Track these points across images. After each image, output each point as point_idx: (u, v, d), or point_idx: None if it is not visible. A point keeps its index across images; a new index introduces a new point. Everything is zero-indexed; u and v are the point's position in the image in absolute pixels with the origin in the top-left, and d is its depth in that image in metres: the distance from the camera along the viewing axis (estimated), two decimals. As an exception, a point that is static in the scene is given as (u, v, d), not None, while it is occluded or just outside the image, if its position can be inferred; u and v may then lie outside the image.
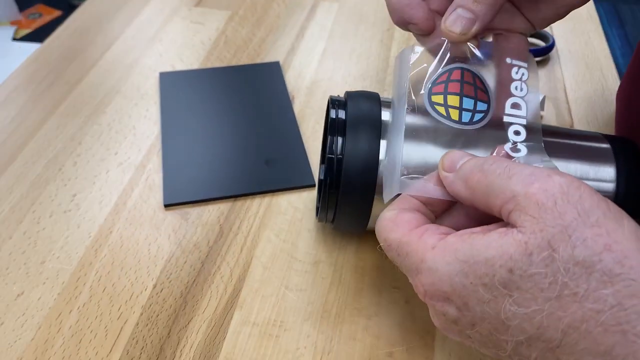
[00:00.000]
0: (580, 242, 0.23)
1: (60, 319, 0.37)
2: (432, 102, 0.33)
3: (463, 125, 0.33)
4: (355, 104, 0.36)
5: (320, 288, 0.39)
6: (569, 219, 0.23)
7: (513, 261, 0.24)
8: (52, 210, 0.44)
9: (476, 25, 0.33)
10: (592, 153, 0.37)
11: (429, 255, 0.27)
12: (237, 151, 0.48)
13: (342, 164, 0.34)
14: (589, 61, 0.60)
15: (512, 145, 0.33)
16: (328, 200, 0.36)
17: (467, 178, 0.28)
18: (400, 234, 0.29)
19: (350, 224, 0.37)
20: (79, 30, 0.63)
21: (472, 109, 0.33)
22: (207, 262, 0.40)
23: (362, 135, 0.34)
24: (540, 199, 0.24)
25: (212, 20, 0.65)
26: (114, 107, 0.53)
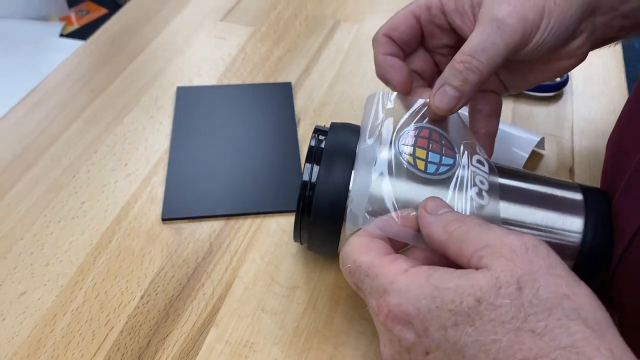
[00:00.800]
0: (544, 285, 0.25)
1: (55, 320, 0.41)
2: (401, 150, 0.36)
3: (428, 175, 0.35)
4: (334, 135, 0.38)
5: (295, 313, 0.41)
6: (536, 266, 0.26)
7: (482, 292, 0.26)
8: (62, 215, 0.48)
9: (461, 102, 0.36)
10: (562, 203, 0.37)
11: (400, 277, 0.28)
12: (237, 170, 0.51)
13: (314, 191, 0.36)
14: (603, 102, 0.59)
15: (478, 190, 0.34)
16: (301, 223, 0.38)
17: (447, 223, 0.30)
18: (373, 256, 0.30)
19: (322, 247, 0.40)
20: (111, 39, 0.67)
21: (438, 162, 0.35)
22: (193, 278, 0.43)
23: (337, 166, 0.36)
24: (514, 245, 0.27)
25: (234, 35, 0.68)
26: (131, 118, 0.57)
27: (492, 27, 0.34)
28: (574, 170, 0.52)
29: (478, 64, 0.34)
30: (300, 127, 0.56)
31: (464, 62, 0.35)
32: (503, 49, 0.34)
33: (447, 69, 0.36)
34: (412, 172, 0.35)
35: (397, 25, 0.39)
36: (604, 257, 0.36)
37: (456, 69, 0.35)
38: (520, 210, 0.36)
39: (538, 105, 0.59)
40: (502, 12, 0.34)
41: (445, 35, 0.40)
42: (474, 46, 0.34)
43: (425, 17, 0.39)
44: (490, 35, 0.34)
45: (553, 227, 0.36)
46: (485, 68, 0.34)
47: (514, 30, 0.34)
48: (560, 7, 0.35)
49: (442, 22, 0.39)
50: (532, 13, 0.34)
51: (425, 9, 0.39)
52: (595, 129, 0.56)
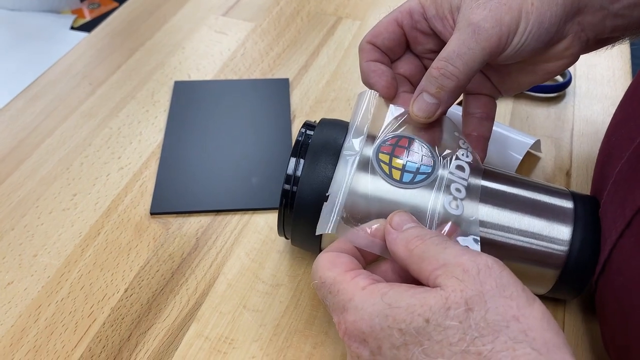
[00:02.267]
0: (493, 308, 0.25)
1: (39, 310, 0.41)
2: (378, 158, 0.35)
3: (402, 185, 0.35)
4: (322, 130, 0.38)
5: (276, 311, 0.41)
6: (487, 288, 0.26)
7: (431, 312, 0.26)
8: (53, 207, 0.48)
9: (440, 109, 0.36)
10: (551, 210, 0.36)
11: (357, 294, 0.28)
12: (228, 166, 0.51)
13: (298, 185, 0.36)
14: (606, 104, 0.58)
15: (451, 199, 0.34)
16: (284, 217, 0.38)
17: (408, 241, 0.30)
18: (336, 272, 0.30)
19: (305, 243, 0.39)
20: (112, 33, 0.68)
21: (415, 171, 0.35)
22: (177, 273, 0.43)
23: (322, 162, 0.36)
24: (467, 266, 0.27)
25: (235, 31, 0.68)
26: (126, 112, 0.57)
27: (467, 32, 0.34)
28: (571, 174, 0.51)
29: (454, 69, 0.34)
30: (295, 124, 0.55)
31: (439, 68, 0.35)
32: (479, 53, 0.34)
33: (425, 76, 0.36)
34: (387, 182, 0.35)
35: (380, 32, 0.39)
36: (590, 267, 0.35)
37: (432, 75, 0.35)
38: (506, 215, 0.36)
39: (538, 106, 0.58)
40: (478, 17, 0.34)
41: (429, 41, 0.40)
42: (450, 52, 0.34)
43: (407, 24, 0.39)
44: (466, 41, 0.34)
45: (539, 235, 0.35)
46: (461, 74, 0.34)
47: (489, 34, 0.34)
48: (538, 9, 0.34)
49: (425, 27, 0.39)
50: (508, 16, 0.34)
51: (408, 15, 0.39)
52: (596, 131, 0.55)
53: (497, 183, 0.37)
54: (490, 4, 0.34)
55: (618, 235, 0.32)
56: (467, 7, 0.34)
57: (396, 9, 0.40)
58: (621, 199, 0.33)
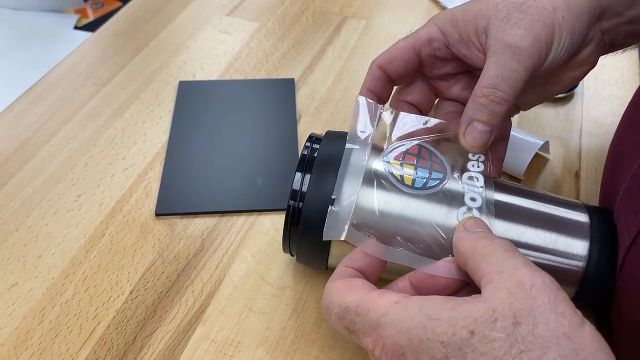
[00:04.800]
0: (543, 323, 0.25)
1: (44, 312, 0.41)
2: (389, 164, 0.35)
3: (415, 190, 0.34)
4: (329, 144, 0.37)
5: (282, 314, 0.40)
6: (538, 303, 0.25)
7: (477, 324, 0.25)
8: (58, 208, 0.48)
9: (493, 135, 0.35)
10: (566, 225, 0.35)
11: (392, 308, 0.27)
12: (234, 167, 0.50)
13: (304, 201, 0.35)
14: (615, 104, 0.57)
15: (467, 209, 0.33)
16: (290, 234, 0.37)
17: (477, 239, 0.30)
18: (360, 294, 0.29)
19: (311, 260, 0.38)
20: (116, 33, 0.67)
21: (427, 177, 0.34)
22: (183, 275, 0.43)
23: (329, 176, 0.35)
24: (522, 279, 0.26)
25: (240, 30, 0.67)
26: (131, 112, 0.56)
27: (506, 54, 0.33)
28: (580, 175, 0.50)
29: (502, 94, 0.34)
30: (301, 124, 0.55)
31: (487, 95, 0.34)
32: (523, 73, 0.33)
33: (471, 105, 0.35)
34: (397, 188, 0.34)
35: (394, 57, 0.39)
36: (609, 283, 0.34)
37: (480, 103, 0.34)
38: (520, 230, 0.34)
39: (547, 106, 0.57)
40: (514, 37, 0.33)
41: (447, 65, 0.39)
42: (493, 77, 0.34)
43: (425, 51, 0.38)
44: (507, 63, 0.33)
45: (555, 250, 0.34)
46: (509, 97, 0.34)
47: (529, 53, 0.33)
48: (569, 22, 0.34)
49: (445, 54, 0.38)
50: (544, 32, 0.33)
51: (426, 43, 0.38)
52: (605, 132, 0.54)
53: (509, 196, 0.36)
54: (524, 22, 0.33)
55: (631, 241, 0.31)
56: (498, 29, 0.34)
57: (413, 35, 0.39)
58: (635, 205, 0.32)
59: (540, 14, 0.34)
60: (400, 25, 0.68)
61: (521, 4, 0.34)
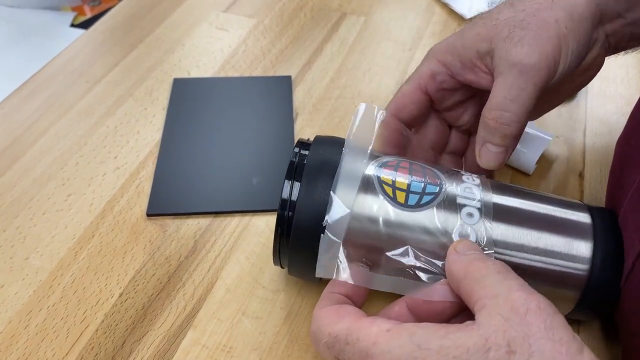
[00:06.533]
0: (538, 352, 0.24)
1: (30, 316, 0.39)
2: (381, 180, 0.33)
3: (408, 209, 0.32)
4: (318, 150, 0.35)
5: (276, 318, 0.39)
6: (534, 330, 0.24)
7: (469, 354, 0.24)
8: (47, 208, 0.46)
9: (508, 153, 0.35)
10: (568, 226, 0.34)
11: (382, 337, 0.26)
12: (228, 166, 0.49)
13: (294, 211, 0.33)
14: (620, 103, 0.56)
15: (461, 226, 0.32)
16: (280, 246, 0.35)
17: (470, 262, 0.29)
18: (350, 321, 0.28)
19: (302, 272, 0.37)
20: (110, 29, 0.66)
21: (421, 192, 0.33)
22: (174, 278, 0.41)
23: (320, 185, 0.33)
24: (516, 304, 0.25)
25: (236, 27, 0.66)
26: (124, 110, 0.55)
27: (513, 73, 0.32)
28: (584, 175, 0.49)
29: (510, 115, 0.33)
30: (298, 123, 0.54)
31: (495, 118, 0.33)
32: (532, 91, 0.33)
33: (482, 127, 0.34)
34: (390, 208, 0.32)
35: (404, 104, 0.38)
36: (615, 286, 0.32)
37: (490, 127, 0.34)
38: (521, 233, 0.33)
39: (549, 105, 0.56)
40: (519, 55, 0.32)
41: (455, 94, 0.39)
42: (501, 99, 0.33)
43: (432, 87, 0.38)
44: (514, 82, 0.32)
45: (558, 253, 0.33)
46: (519, 117, 0.33)
47: (537, 69, 0.32)
48: (573, 30, 0.33)
49: (451, 84, 0.38)
50: (550, 46, 0.32)
51: (430, 79, 0.37)
52: (610, 131, 0.53)
53: (509, 197, 0.34)
54: (527, 39, 0.32)
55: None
56: (501, 49, 0.33)
57: (415, 75, 0.38)
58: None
59: (543, 27, 0.32)
60: (400, 21, 0.66)
61: (521, 20, 0.33)
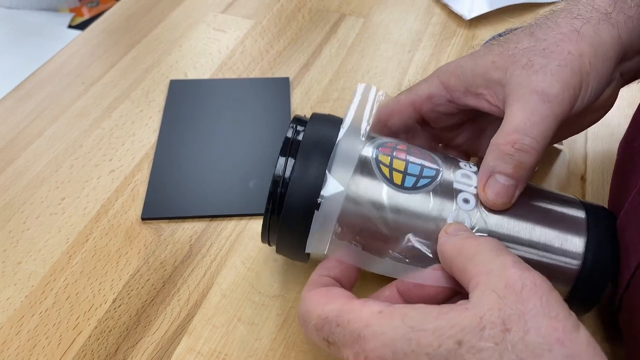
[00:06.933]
0: (534, 329, 0.23)
1: (22, 321, 0.39)
2: (378, 160, 0.32)
3: (405, 191, 0.31)
4: (315, 127, 0.34)
5: (273, 324, 0.38)
6: (529, 306, 0.24)
7: (463, 333, 0.24)
8: (40, 211, 0.46)
9: (518, 190, 0.32)
10: (563, 220, 0.33)
11: (375, 319, 0.26)
12: (225, 169, 0.48)
13: (287, 188, 0.32)
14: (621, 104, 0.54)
15: (456, 213, 0.31)
16: (269, 223, 0.34)
17: (462, 242, 0.29)
18: (340, 303, 0.28)
19: (292, 252, 0.36)
20: (107, 30, 0.66)
21: (418, 174, 0.32)
22: (169, 283, 0.41)
23: (314, 162, 0.32)
24: (511, 280, 0.25)
25: (234, 28, 0.65)
26: (120, 112, 0.54)
27: (534, 100, 0.30)
28: (586, 179, 0.48)
29: (531, 141, 0.30)
30: (295, 125, 0.53)
31: (512, 143, 0.30)
32: (553, 121, 0.31)
33: (492, 155, 0.31)
34: (386, 189, 0.31)
35: (393, 112, 0.37)
36: (605, 283, 0.32)
37: (505, 152, 0.31)
38: (515, 224, 0.32)
39: (550, 107, 0.55)
40: (543, 83, 0.31)
41: (453, 118, 0.38)
42: (521, 123, 0.30)
43: (427, 107, 0.37)
44: (536, 109, 0.30)
45: (550, 247, 0.32)
46: (539, 145, 0.31)
47: (560, 99, 0.31)
48: (596, 68, 0.31)
49: (448, 108, 0.37)
50: (573, 79, 0.31)
51: (427, 100, 0.36)
52: (612, 133, 0.52)
53: None
54: (550, 68, 0.31)
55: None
56: (519, 77, 0.31)
57: (414, 90, 0.37)
58: None
59: (567, 59, 0.31)
60: (399, 23, 0.66)
61: (543, 49, 0.32)
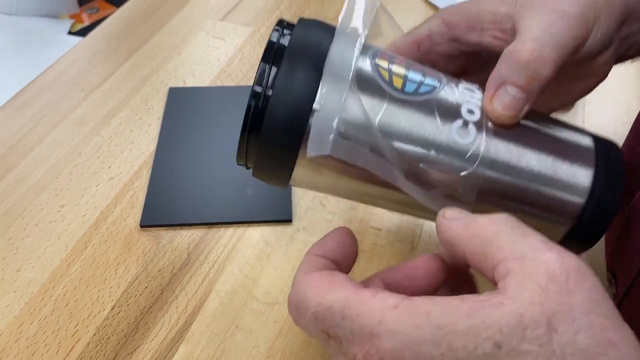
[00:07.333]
0: (585, 328, 0.20)
1: (21, 329, 0.39)
2: (377, 64, 0.29)
3: (405, 95, 0.29)
4: (303, 31, 0.30)
5: (270, 331, 0.39)
6: (577, 301, 0.21)
7: (502, 334, 0.21)
8: (40, 219, 0.46)
9: (527, 106, 0.29)
10: (569, 149, 0.31)
11: (390, 315, 0.23)
12: (223, 177, 0.49)
13: (269, 100, 0.28)
14: (618, 110, 0.56)
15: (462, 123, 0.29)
16: (248, 143, 0.30)
17: (471, 222, 0.25)
18: (346, 292, 0.24)
19: (270, 176, 0.32)
20: (107, 38, 0.66)
21: (419, 81, 0.29)
22: (167, 290, 0.41)
23: (302, 69, 0.28)
24: (552, 268, 0.21)
25: (233, 36, 0.66)
26: (119, 120, 0.55)
27: (553, 16, 0.28)
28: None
29: (551, 52, 0.28)
30: (293, 132, 0.53)
31: (531, 51, 0.27)
32: (570, 42, 0.28)
33: (505, 64, 0.29)
34: (386, 92, 0.29)
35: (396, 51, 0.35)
36: (608, 222, 0.30)
37: (521, 60, 0.28)
38: (521, 152, 0.30)
39: (547, 114, 0.55)
40: (561, 4, 0.29)
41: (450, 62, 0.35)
42: (540, 34, 0.28)
43: (426, 46, 0.34)
44: (555, 23, 0.28)
45: (556, 179, 0.30)
46: (558, 59, 0.28)
47: (579, 23, 0.28)
48: (605, 11, 0.30)
49: (447, 49, 0.34)
50: (588, 11, 0.29)
51: (426, 38, 0.34)
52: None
53: None
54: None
55: None
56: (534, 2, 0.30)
57: (415, 29, 0.35)
58: None
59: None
60: (397, 30, 0.66)
61: None
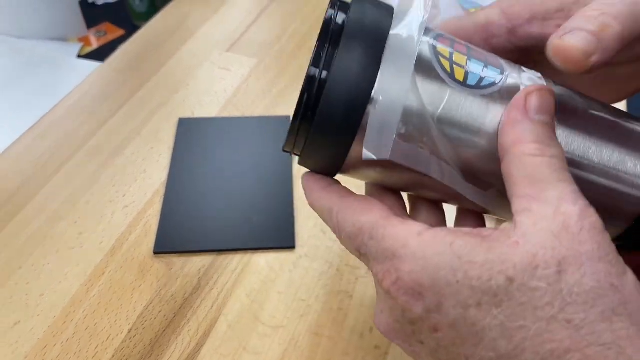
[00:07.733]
0: (591, 272, 0.22)
1: (45, 351, 0.42)
2: (437, 51, 0.27)
3: (468, 88, 0.26)
4: (361, 9, 0.27)
5: (276, 353, 0.42)
6: (586, 248, 0.23)
7: (515, 270, 0.22)
8: (60, 246, 0.49)
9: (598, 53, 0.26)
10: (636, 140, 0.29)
11: (414, 240, 0.24)
12: (231, 204, 0.52)
13: (325, 85, 0.26)
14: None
15: None
16: (299, 128, 0.28)
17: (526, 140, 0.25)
18: (377, 216, 0.26)
19: (320, 163, 0.30)
20: (117, 70, 0.70)
21: (481, 72, 0.27)
22: (179, 314, 0.44)
23: (363, 53, 0.26)
24: (570, 220, 0.23)
25: (238, 66, 0.70)
26: (131, 149, 0.58)
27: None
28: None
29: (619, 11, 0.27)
30: (295, 162, 0.57)
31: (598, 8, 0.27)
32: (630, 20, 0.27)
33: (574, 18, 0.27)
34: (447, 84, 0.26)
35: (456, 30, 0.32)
36: None
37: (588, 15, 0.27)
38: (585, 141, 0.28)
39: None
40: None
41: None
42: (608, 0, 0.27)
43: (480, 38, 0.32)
44: None
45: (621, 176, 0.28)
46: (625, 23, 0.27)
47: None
48: None
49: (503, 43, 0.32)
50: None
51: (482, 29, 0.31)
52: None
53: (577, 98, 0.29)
54: None
55: None
56: None
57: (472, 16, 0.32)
58: None
59: None
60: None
61: None
